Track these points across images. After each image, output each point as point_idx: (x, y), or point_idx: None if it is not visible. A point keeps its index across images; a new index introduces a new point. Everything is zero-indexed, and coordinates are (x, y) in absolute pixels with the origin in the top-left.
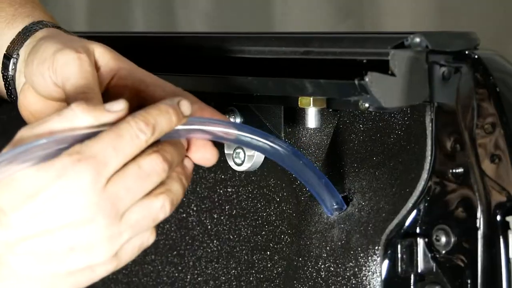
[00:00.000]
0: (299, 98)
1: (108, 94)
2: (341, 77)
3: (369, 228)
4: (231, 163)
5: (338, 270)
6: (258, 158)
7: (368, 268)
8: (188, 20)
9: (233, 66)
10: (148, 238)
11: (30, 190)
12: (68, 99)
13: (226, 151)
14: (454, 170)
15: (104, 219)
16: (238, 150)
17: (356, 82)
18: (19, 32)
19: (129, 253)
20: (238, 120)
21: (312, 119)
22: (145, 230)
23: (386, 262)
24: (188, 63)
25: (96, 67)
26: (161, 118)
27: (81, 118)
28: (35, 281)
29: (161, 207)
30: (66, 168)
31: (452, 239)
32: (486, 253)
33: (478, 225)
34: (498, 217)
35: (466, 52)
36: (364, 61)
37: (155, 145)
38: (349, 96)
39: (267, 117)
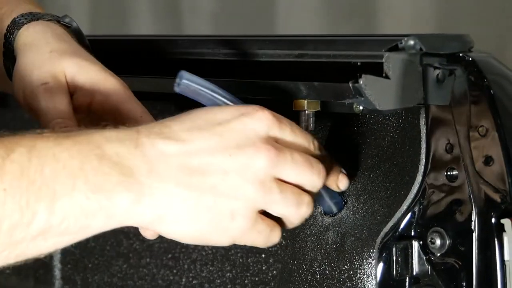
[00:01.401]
0: (294, 101)
1: (92, 110)
2: (336, 80)
3: (364, 231)
4: None
5: (333, 273)
6: None
7: (363, 271)
8: (194, 22)
9: (227, 69)
10: (276, 234)
11: (210, 118)
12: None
13: None
14: (448, 173)
15: (264, 161)
16: None
17: (351, 84)
18: (5, 34)
19: (263, 231)
20: None
21: (306, 122)
22: (288, 207)
23: (381, 265)
24: (183, 66)
25: (72, 89)
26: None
27: None
28: (177, 203)
29: (307, 203)
30: (249, 110)
31: (447, 242)
32: (481, 256)
33: (473, 227)
34: (493, 220)
35: (460, 55)
36: (359, 63)
37: None
38: (343, 99)
39: None
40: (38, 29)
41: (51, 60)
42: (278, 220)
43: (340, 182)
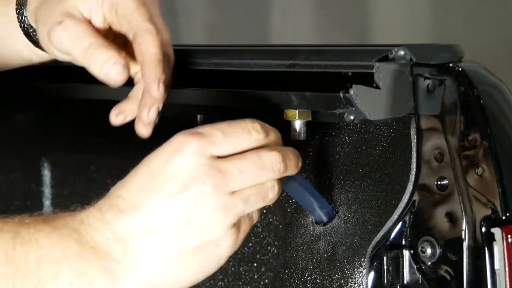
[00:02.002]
0: (285, 111)
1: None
2: (327, 90)
3: (355, 240)
4: None
5: (324, 282)
6: None
7: (354, 280)
8: (189, 31)
9: (219, 79)
10: (254, 213)
11: (149, 172)
12: (78, 63)
13: None
14: (439, 182)
15: (213, 188)
16: None
17: (341, 94)
18: (16, 8)
19: (245, 226)
20: None
21: (298, 131)
22: (256, 206)
23: (372, 274)
24: (176, 76)
25: (87, 15)
26: (276, 136)
27: None
28: (164, 265)
29: (271, 187)
30: (176, 146)
31: (438, 251)
32: (471, 265)
33: (463, 236)
34: (483, 229)
35: (450, 65)
36: (349, 74)
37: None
38: (334, 109)
39: None
40: None
41: (60, 2)
42: None
43: (299, 162)
